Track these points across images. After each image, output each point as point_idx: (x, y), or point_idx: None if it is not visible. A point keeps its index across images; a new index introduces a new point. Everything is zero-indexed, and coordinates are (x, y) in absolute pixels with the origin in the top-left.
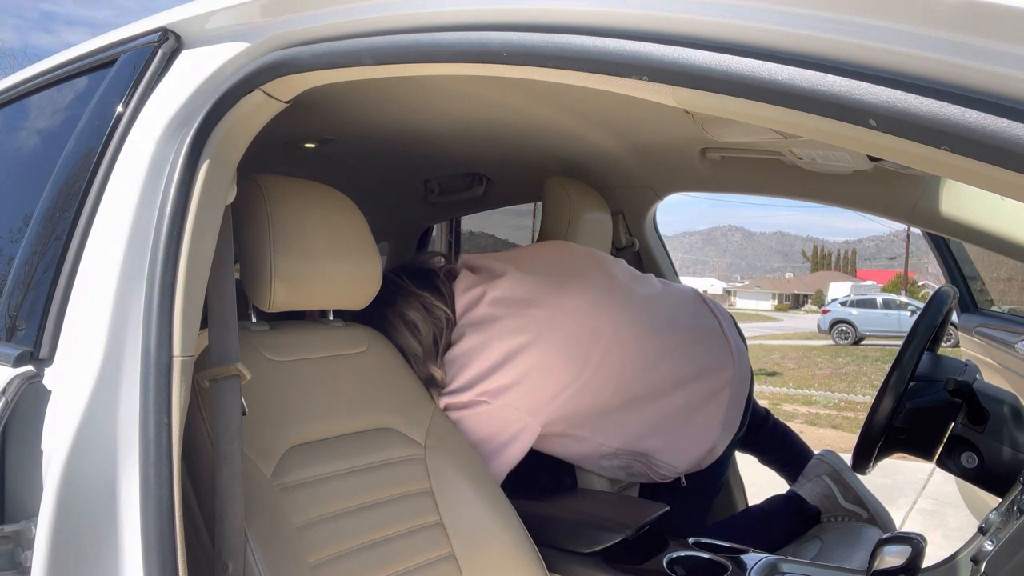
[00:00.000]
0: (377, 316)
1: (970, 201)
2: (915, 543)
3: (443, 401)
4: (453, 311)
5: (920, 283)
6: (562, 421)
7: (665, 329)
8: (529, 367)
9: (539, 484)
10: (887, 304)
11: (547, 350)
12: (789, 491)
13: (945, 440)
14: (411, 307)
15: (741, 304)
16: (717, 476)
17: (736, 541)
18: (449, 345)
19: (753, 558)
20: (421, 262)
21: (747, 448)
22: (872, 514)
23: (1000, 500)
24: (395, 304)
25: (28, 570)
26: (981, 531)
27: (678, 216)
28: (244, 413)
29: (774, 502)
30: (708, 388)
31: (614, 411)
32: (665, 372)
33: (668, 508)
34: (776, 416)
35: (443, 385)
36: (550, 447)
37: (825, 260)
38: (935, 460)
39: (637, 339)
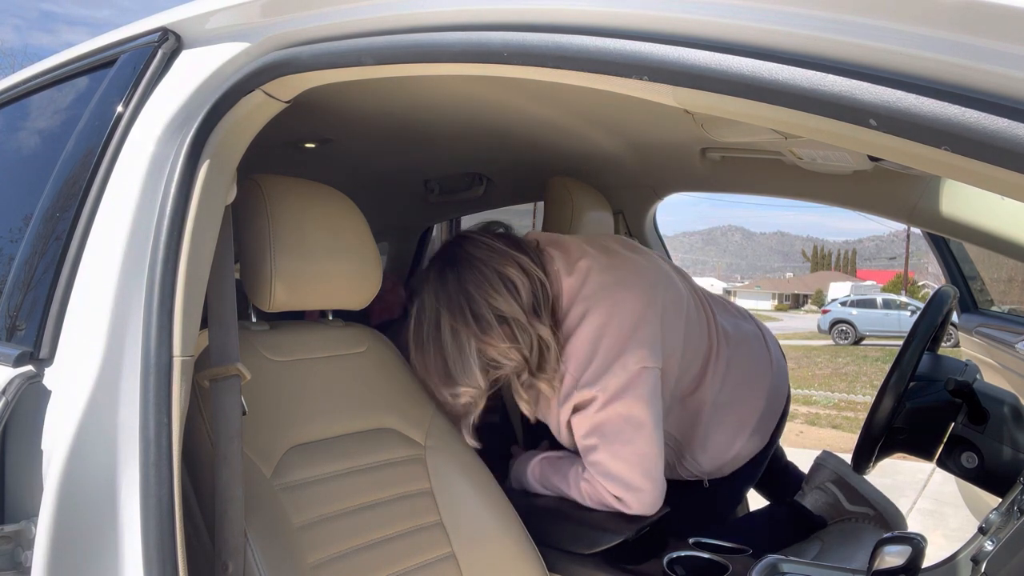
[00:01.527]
0: (473, 273)
1: (970, 201)
2: (915, 543)
3: (590, 393)
4: (545, 274)
5: (920, 283)
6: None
7: (716, 327)
8: (656, 323)
9: None
10: (887, 304)
11: (663, 308)
12: (792, 501)
13: (945, 440)
14: (509, 265)
15: (741, 304)
16: (738, 487)
17: (738, 543)
18: (559, 321)
19: (754, 558)
20: (492, 228)
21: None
22: (879, 512)
23: (1000, 500)
24: (490, 263)
25: (28, 570)
26: (981, 531)
27: (678, 216)
28: (244, 413)
29: (777, 509)
30: (744, 393)
31: (671, 388)
32: (713, 366)
33: (668, 509)
34: None
35: (560, 351)
36: None
37: (825, 260)
38: (935, 460)
39: (698, 323)
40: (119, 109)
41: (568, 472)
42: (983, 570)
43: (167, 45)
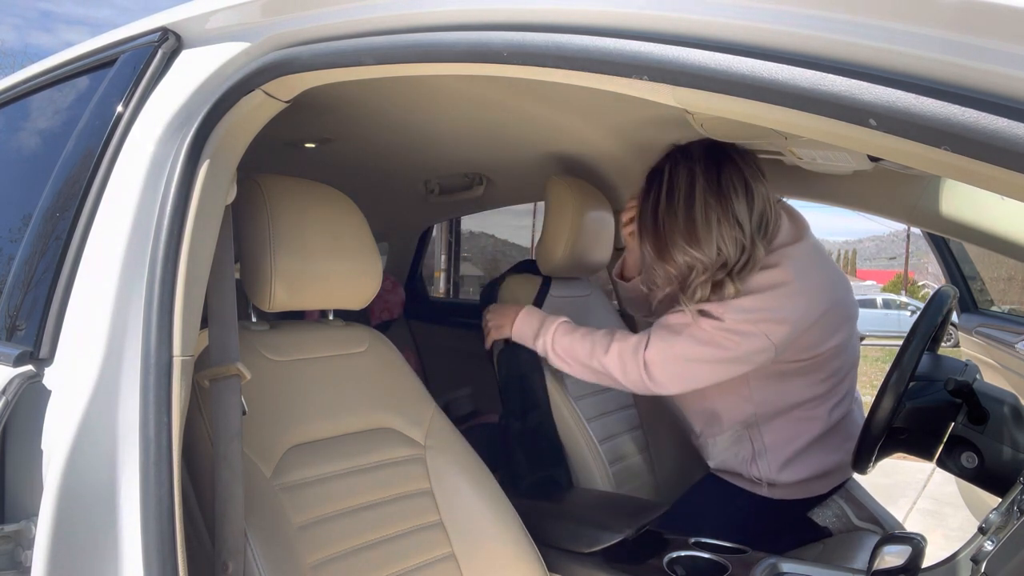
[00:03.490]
0: (731, 171)
1: (970, 201)
2: (915, 543)
3: (722, 311)
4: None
5: (920, 283)
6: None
7: (854, 368)
8: (811, 327)
9: (538, 482)
10: (887, 304)
11: (827, 317)
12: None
13: (945, 440)
14: (760, 185)
15: None
16: (790, 519)
17: (738, 543)
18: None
19: (753, 558)
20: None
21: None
22: (887, 531)
23: (1000, 500)
24: (746, 173)
25: (28, 570)
26: (981, 531)
27: None
28: (244, 413)
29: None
30: (841, 438)
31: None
32: (842, 395)
33: (668, 508)
34: None
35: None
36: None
37: None
38: (935, 460)
39: (847, 350)
40: (119, 109)
41: (596, 333)
42: (983, 570)
43: (167, 45)
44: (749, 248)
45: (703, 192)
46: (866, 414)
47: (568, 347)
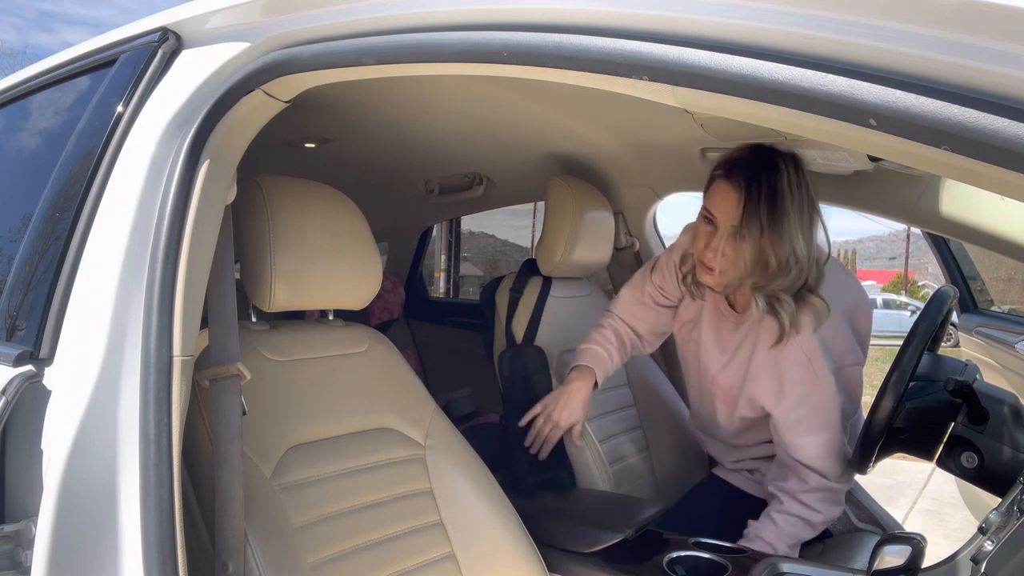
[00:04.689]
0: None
1: (970, 201)
2: (915, 543)
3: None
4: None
5: (920, 283)
6: None
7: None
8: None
9: (539, 483)
10: (887, 304)
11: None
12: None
13: (945, 440)
14: (817, 214)
15: None
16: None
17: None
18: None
19: (753, 558)
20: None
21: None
22: (887, 532)
23: (1000, 500)
24: (805, 200)
25: (28, 570)
26: (981, 531)
27: (678, 216)
28: (244, 413)
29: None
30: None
31: None
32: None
33: (668, 507)
34: None
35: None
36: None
37: None
38: (935, 460)
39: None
40: (119, 109)
41: (781, 508)
42: (983, 570)
43: (167, 45)
44: (816, 255)
45: (810, 198)
46: (866, 414)
47: (793, 542)
